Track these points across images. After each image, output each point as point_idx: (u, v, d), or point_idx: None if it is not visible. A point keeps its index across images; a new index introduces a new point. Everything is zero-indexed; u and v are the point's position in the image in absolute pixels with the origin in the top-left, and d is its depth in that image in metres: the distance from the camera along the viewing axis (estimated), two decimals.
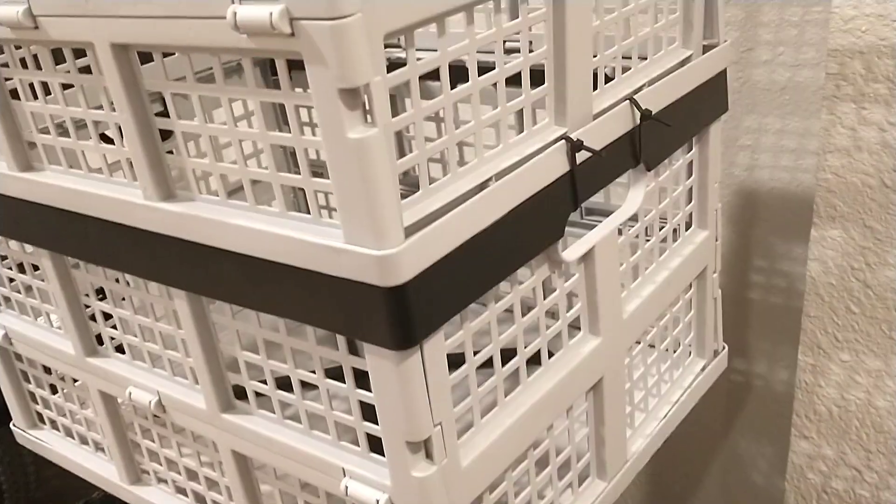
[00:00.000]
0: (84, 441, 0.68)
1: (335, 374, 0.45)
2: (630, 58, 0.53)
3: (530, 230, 0.45)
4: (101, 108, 0.46)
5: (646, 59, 0.54)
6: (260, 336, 0.47)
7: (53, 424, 0.71)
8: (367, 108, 0.35)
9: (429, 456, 0.42)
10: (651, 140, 0.53)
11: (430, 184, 0.40)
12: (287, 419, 0.49)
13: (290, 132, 0.39)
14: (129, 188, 0.47)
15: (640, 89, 0.52)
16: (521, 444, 0.49)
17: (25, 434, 0.72)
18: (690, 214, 0.63)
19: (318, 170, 0.38)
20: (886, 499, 0.78)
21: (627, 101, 0.51)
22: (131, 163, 0.46)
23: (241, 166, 0.42)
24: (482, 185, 0.42)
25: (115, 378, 0.58)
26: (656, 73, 0.55)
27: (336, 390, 0.45)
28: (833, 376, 0.79)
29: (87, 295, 0.58)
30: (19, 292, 0.64)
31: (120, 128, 0.45)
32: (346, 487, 0.45)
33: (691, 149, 0.61)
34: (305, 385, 0.47)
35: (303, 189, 0.40)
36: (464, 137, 0.41)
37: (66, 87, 0.49)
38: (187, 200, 0.45)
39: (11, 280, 0.64)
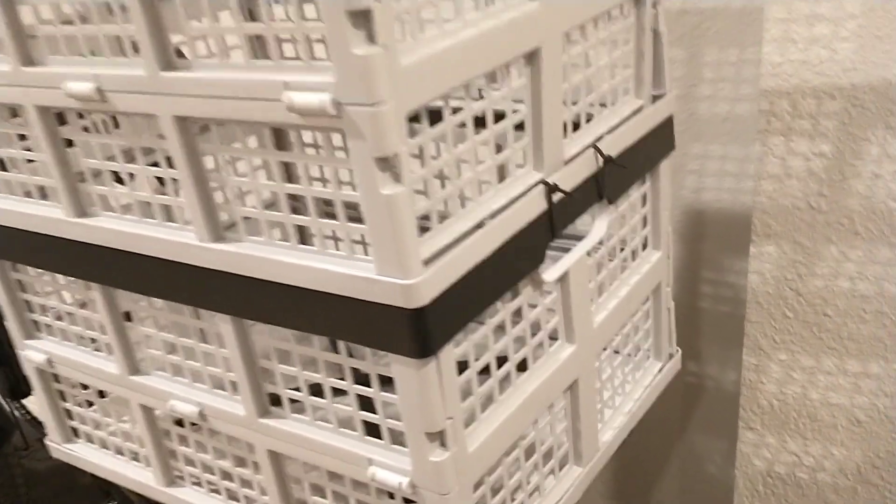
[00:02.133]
0: (119, 451, 0.77)
1: (358, 381, 0.55)
2: (593, 105, 0.63)
3: (517, 258, 0.55)
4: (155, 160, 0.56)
5: (605, 106, 0.65)
6: (296, 351, 0.57)
7: (88, 438, 0.79)
8: (395, 171, 0.45)
9: (443, 444, 0.52)
10: (612, 178, 0.64)
11: (439, 223, 0.50)
12: (317, 420, 0.59)
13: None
14: (182, 231, 0.57)
15: (601, 137, 0.63)
16: (513, 434, 0.59)
17: (60, 448, 0.81)
18: (646, 237, 0.74)
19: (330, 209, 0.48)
20: (821, 479, 0.90)
21: (592, 147, 0.61)
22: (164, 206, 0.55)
23: (286, 214, 0.52)
24: (479, 224, 0.53)
25: (157, 393, 0.67)
26: (614, 121, 0.65)
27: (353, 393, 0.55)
28: (773, 374, 0.90)
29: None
30: (60, 320, 0.73)
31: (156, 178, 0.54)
32: (374, 474, 0.55)
33: (645, 182, 0.72)
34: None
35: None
36: (463, 186, 0.51)
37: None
38: (235, 241, 0.54)
39: (46, 308, 0.73)
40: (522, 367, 0.60)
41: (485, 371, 0.56)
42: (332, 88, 0.44)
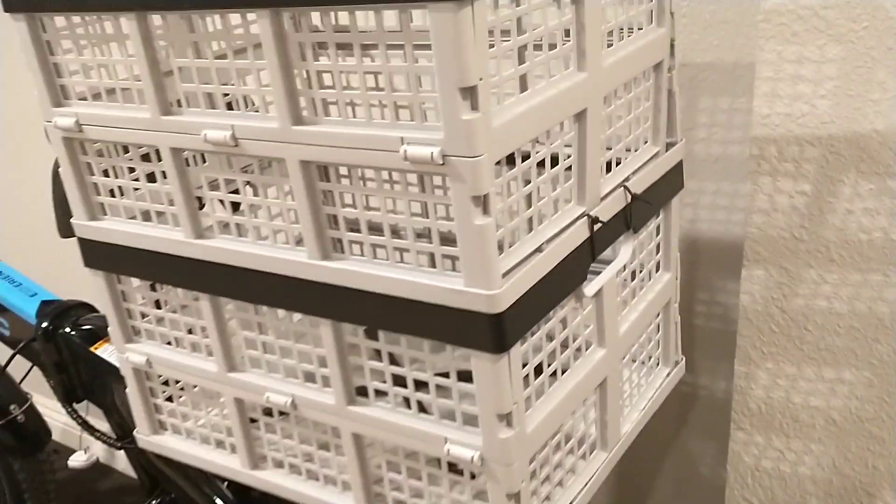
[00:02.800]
0: (205, 440, 0.89)
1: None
2: (621, 151, 0.77)
3: (567, 276, 0.69)
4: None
5: (629, 151, 0.79)
6: (385, 350, 0.70)
7: (175, 429, 0.91)
8: (485, 206, 0.59)
9: (509, 424, 0.65)
10: (636, 212, 0.78)
11: (510, 247, 0.64)
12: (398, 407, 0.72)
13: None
14: (294, 250, 0.70)
15: (628, 178, 0.77)
16: (559, 420, 0.72)
17: (148, 439, 0.93)
18: (658, 261, 0.88)
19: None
20: (802, 472, 1.03)
21: (622, 187, 0.75)
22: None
23: (388, 237, 0.65)
24: (538, 248, 0.66)
25: (253, 387, 0.79)
26: (637, 165, 0.79)
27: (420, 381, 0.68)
28: (761, 381, 1.04)
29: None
30: (158, 325, 0.85)
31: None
32: (449, 450, 0.68)
33: (659, 215, 0.86)
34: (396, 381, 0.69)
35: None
36: (529, 217, 0.65)
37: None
38: (340, 259, 0.68)
39: (143, 315, 0.85)
40: (566, 367, 0.73)
41: (536, 369, 0.69)
42: (441, 143, 0.57)
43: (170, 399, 0.91)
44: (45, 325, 1.25)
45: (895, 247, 0.94)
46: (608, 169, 0.75)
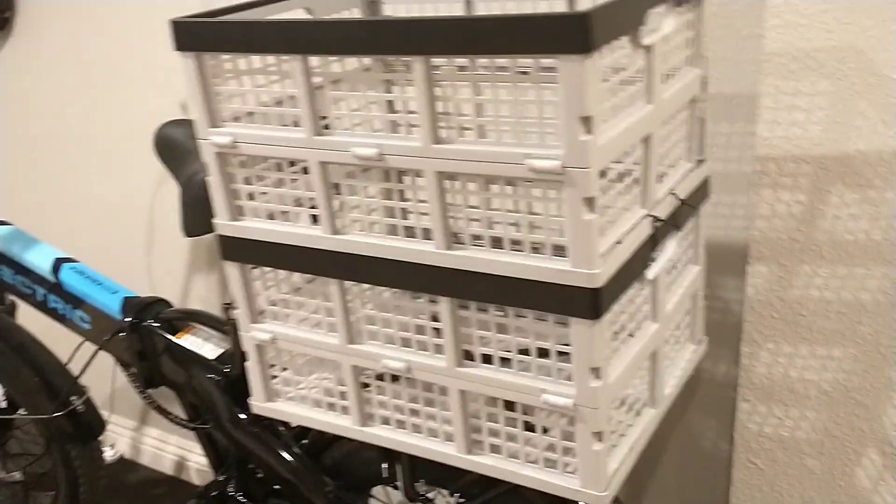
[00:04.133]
0: (317, 403, 1.06)
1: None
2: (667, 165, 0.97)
3: (636, 263, 0.88)
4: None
5: (672, 167, 0.99)
6: (493, 321, 0.89)
7: (288, 397, 1.09)
8: (592, 205, 0.78)
9: (598, 376, 0.84)
10: (681, 214, 0.98)
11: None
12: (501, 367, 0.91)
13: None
14: (421, 243, 0.88)
15: (674, 187, 0.97)
16: (627, 379, 0.91)
17: (264, 405, 1.10)
18: (690, 255, 1.08)
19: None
20: (798, 435, 1.24)
21: (672, 194, 0.95)
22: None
23: (507, 231, 0.84)
24: (619, 241, 0.86)
25: (371, 356, 0.97)
26: (678, 177, 0.99)
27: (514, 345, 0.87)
28: (763, 359, 1.25)
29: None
30: (283, 308, 1.03)
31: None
32: (546, 399, 0.87)
33: (692, 218, 1.06)
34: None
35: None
36: (611, 216, 0.84)
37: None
38: (461, 249, 0.86)
39: (267, 299, 1.03)
40: (630, 335, 0.93)
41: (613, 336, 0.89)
42: (561, 158, 0.77)
43: (283, 371, 1.08)
44: (130, 318, 1.41)
45: (875, 246, 1.15)
46: (658, 180, 0.95)
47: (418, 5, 1.17)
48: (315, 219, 0.94)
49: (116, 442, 2.26)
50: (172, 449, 2.13)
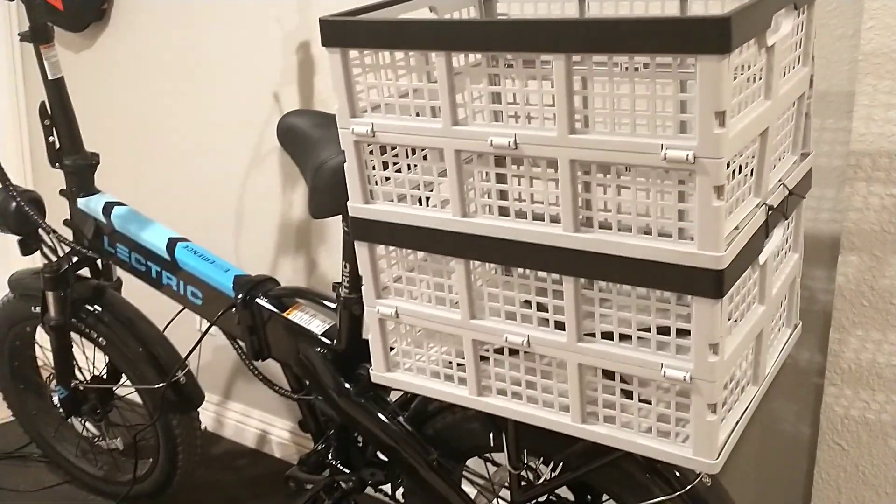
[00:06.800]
0: (434, 374, 1.14)
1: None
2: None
3: (752, 247, 0.95)
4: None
5: (780, 159, 1.05)
6: (616, 300, 0.95)
7: (406, 368, 1.16)
8: (720, 193, 0.84)
9: (715, 352, 0.91)
10: (788, 204, 1.04)
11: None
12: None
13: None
14: (550, 226, 0.95)
15: (782, 178, 1.03)
16: (738, 356, 0.98)
17: (383, 375, 1.18)
18: (791, 244, 1.14)
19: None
20: (884, 418, 1.30)
21: (781, 184, 1.01)
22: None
23: (634, 216, 0.91)
24: (737, 227, 0.92)
25: (492, 331, 1.05)
26: (785, 169, 1.05)
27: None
28: (851, 345, 1.30)
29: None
30: (407, 285, 1.11)
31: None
32: (665, 372, 0.94)
33: (796, 208, 1.12)
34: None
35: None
36: (731, 204, 0.91)
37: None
38: (589, 231, 0.93)
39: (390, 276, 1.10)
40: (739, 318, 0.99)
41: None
42: (694, 149, 0.83)
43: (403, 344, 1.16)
44: (242, 294, 1.50)
45: None
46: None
47: (532, 4, 1.24)
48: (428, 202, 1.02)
49: (200, 415, 2.36)
50: (255, 423, 2.22)
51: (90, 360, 1.88)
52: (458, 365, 1.11)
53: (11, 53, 2.44)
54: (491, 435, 1.26)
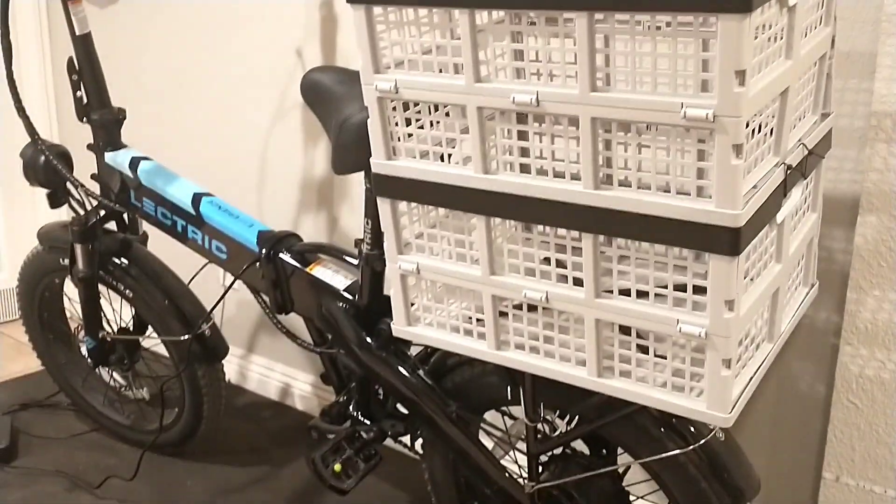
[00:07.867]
0: (455, 329, 1.16)
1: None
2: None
3: (770, 206, 0.96)
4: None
5: (800, 119, 1.06)
6: (633, 257, 0.97)
7: (427, 322, 1.19)
8: (739, 152, 0.85)
9: (731, 309, 0.93)
10: (807, 163, 1.04)
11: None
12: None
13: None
14: (570, 183, 0.96)
15: (802, 138, 1.04)
16: (754, 313, 0.99)
17: (405, 329, 1.20)
18: (809, 204, 1.15)
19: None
20: None
21: (801, 144, 1.02)
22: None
23: (654, 174, 0.92)
24: (755, 185, 0.93)
25: (512, 287, 1.07)
26: (805, 129, 1.06)
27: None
28: (868, 305, 1.31)
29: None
30: (428, 241, 1.12)
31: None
32: (681, 327, 0.95)
33: (816, 168, 1.12)
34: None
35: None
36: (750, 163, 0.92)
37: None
38: (608, 189, 0.95)
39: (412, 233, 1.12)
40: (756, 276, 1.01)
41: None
42: (714, 107, 0.84)
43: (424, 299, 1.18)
44: (266, 250, 1.53)
45: None
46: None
47: None
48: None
49: (224, 368, 2.41)
50: (277, 376, 2.27)
51: (117, 312, 1.92)
52: (478, 320, 1.13)
53: (38, 9, 2.46)
54: (508, 388, 1.28)
